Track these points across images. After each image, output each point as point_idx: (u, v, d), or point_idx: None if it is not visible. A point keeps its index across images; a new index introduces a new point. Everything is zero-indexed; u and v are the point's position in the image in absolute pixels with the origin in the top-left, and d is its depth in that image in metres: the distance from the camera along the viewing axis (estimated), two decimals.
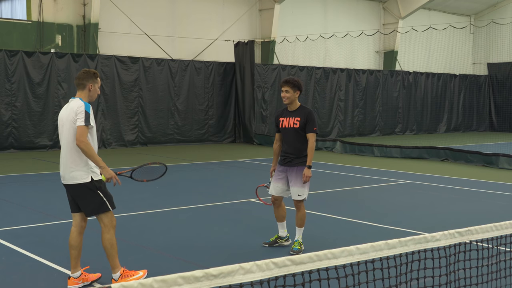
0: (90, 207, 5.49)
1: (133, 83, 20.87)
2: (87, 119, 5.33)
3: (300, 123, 6.91)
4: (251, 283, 2.79)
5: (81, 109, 5.36)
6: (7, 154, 17.95)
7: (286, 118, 7.02)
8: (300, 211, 7.01)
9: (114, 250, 5.52)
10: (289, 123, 6.97)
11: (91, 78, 5.57)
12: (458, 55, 31.92)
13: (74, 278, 5.64)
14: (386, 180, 13.46)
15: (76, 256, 5.64)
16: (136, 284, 2.42)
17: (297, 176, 6.91)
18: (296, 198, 6.94)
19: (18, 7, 20.45)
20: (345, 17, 28.37)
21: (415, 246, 3.52)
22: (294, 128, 6.93)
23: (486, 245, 4.59)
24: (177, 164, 15.99)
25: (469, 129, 32.53)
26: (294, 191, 6.94)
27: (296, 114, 6.97)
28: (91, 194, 5.45)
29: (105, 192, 5.52)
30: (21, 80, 18.56)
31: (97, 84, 5.61)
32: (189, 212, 9.43)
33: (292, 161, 6.95)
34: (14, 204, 9.87)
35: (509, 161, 15.68)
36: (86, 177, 5.43)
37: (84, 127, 5.31)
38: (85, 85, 5.56)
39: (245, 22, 25.01)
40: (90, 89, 5.56)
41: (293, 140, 6.96)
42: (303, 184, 6.89)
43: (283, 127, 7.03)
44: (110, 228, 5.52)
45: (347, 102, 26.95)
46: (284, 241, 7.26)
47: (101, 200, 5.47)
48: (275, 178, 7.08)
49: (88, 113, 5.36)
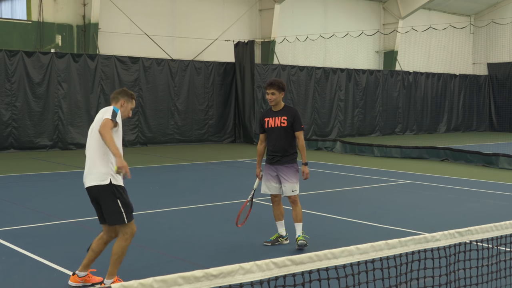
0: (109, 215, 5.38)
1: (133, 83, 20.87)
2: (114, 115, 5.34)
3: (287, 122, 7.07)
4: (251, 283, 2.79)
5: (110, 109, 5.40)
6: (7, 154, 17.96)
7: (271, 118, 7.16)
8: (297, 206, 7.16)
9: (120, 259, 5.46)
10: (276, 122, 7.11)
11: (126, 96, 5.63)
12: (458, 55, 31.92)
13: (78, 276, 5.63)
14: (386, 180, 13.46)
15: (92, 259, 5.62)
16: (136, 284, 2.42)
17: (287, 173, 7.09)
18: (290, 194, 7.10)
19: (18, 7, 20.46)
20: (345, 17, 28.37)
21: (415, 246, 3.52)
22: (282, 127, 7.08)
23: (486, 245, 4.59)
24: (177, 164, 15.99)
25: (469, 129, 32.53)
26: (288, 187, 7.09)
27: (282, 113, 7.13)
28: (110, 199, 5.34)
29: (125, 203, 5.40)
30: (21, 80, 18.56)
31: (130, 104, 5.63)
32: (189, 212, 9.44)
33: (282, 159, 7.12)
34: (14, 204, 9.87)
35: (509, 161, 15.68)
36: (105, 178, 5.33)
37: (110, 120, 5.28)
38: (119, 99, 5.60)
39: (245, 22, 25.01)
40: (123, 105, 5.59)
41: (280, 139, 7.10)
42: (295, 180, 7.08)
43: (269, 127, 7.17)
44: (129, 236, 5.45)
45: (347, 102, 26.96)
46: (284, 240, 7.35)
47: (119, 210, 5.35)
48: (267, 178, 7.23)
49: (116, 112, 5.38)
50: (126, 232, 5.44)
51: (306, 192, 10.76)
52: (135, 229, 5.53)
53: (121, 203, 5.37)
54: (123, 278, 5.64)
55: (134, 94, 5.77)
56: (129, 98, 5.65)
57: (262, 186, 7.29)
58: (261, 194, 7.35)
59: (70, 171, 14.35)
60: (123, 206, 5.38)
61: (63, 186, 11.96)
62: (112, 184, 5.34)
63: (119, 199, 5.36)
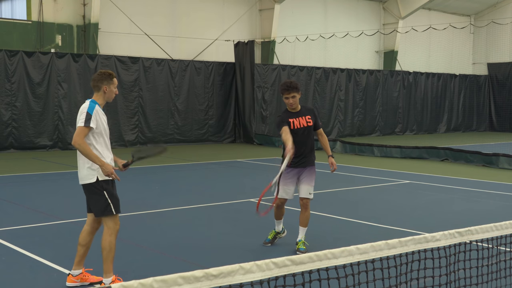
0: (96, 207, 5.50)
1: (133, 83, 20.88)
2: (87, 120, 5.33)
3: (312, 121, 7.07)
4: (251, 283, 2.79)
5: (84, 111, 5.40)
6: (7, 154, 17.96)
7: (295, 119, 7.00)
8: (307, 210, 7.05)
9: (112, 254, 5.50)
10: (301, 123, 6.99)
11: (106, 80, 5.56)
12: (458, 55, 31.93)
13: (73, 275, 5.65)
14: (386, 180, 13.46)
15: (82, 254, 5.65)
16: (136, 284, 2.42)
17: (309, 175, 7.05)
18: (307, 196, 6.99)
19: (18, 7, 20.45)
20: (345, 17, 28.37)
21: (415, 246, 3.52)
22: (309, 126, 7.04)
23: (486, 245, 4.58)
24: (177, 164, 15.99)
25: (469, 129, 32.53)
26: (305, 189, 6.99)
27: (305, 113, 7.07)
28: (97, 194, 5.46)
29: (111, 194, 5.50)
30: (21, 80, 18.56)
31: (112, 85, 5.59)
32: (189, 212, 9.44)
33: (306, 162, 7.04)
34: (14, 204, 9.87)
35: (509, 161, 15.68)
36: (91, 177, 5.44)
37: (83, 127, 5.33)
38: (100, 87, 5.56)
39: (245, 22, 25.01)
40: (105, 91, 5.56)
41: (306, 139, 7.03)
42: (313, 183, 7.07)
43: (295, 128, 6.96)
44: (113, 231, 5.51)
45: (347, 102, 26.96)
46: (282, 234, 7.41)
47: (106, 201, 5.46)
48: (286, 181, 7.01)
49: (90, 115, 5.35)
50: (110, 226, 5.51)
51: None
52: (119, 226, 5.60)
53: (107, 195, 5.47)
54: (123, 278, 5.64)
55: (113, 72, 5.68)
56: (109, 80, 5.57)
57: (280, 191, 6.99)
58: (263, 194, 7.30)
59: (70, 171, 14.34)
60: (109, 197, 5.48)
61: (63, 186, 11.96)
62: (99, 180, 5.45)
63: (105, 191, 5.46)
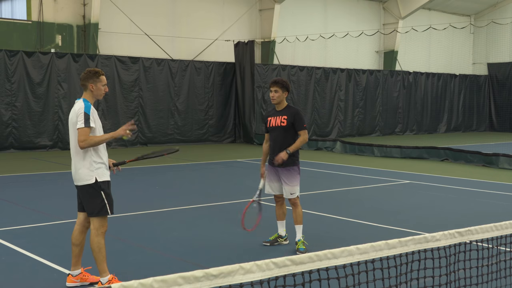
0: (92, 207, 5.50)
1: (133, 83, 20.88)
2: (86, 120, 5.34)
3: (287, 122, 7.06)
4: (251, 283, 2.79)
5: (81, 111, 5.39)
6: (7, 154, 17.96)
7: (273, 118, 7.19)
8: (297, 208, 7.16)
9: (102, 255, 5.50)
10: (276, 121, 7.13)
11: (91, 78, 5.52)
12: (458, 55, 31.93)
13: (73, 276, 5.66)
14: (386, 180, 13.45)
15: (77, 254, 5.66)
16: (136, 284, 2.42)
17: (287, 176, 7.07)
18: (289, 196, 7.10)
19: (18, 7, 20.45)
20: (345, 17, 28.37)
21: (415, 246, 3.52)
22: (282, 126, 7.08)
23: (486, 245, 4.58)
24: (177, 164, 15.98)
25: (469, 129, 32.53)
26: (287, 190, 7.10)
27: (283, 113, 7.14)
28: (94, 194, 5.47)
29: (107, 194, 5.52)
30: (21, 80, 18.57)
31: (99, 83, 5.53)
32: (189, 212, 9.44)
33: (283, 162, 7.00)
34: (14, 204, 9.87)
35: (509, 161, 15.68)
36: (90, 178, 5.45)
37: (84, 128, 5.35)
38: (87, 85, 5.55)
39: (245, 22, 25.01)
40: (92, 89, 5.53)
41: (280, 138, 7.09)
42: (295, 183, 7.09)
43: (270, 126, 7.18)
44: (99, 232, 5.51)
45: (347, 102, 26.95)
46: (284, 240, 7.35)
47: (102, 202, 5.48)
48: (270, 179, 7.22)
49: (88, 115, 5.36)
50: (96, 228, 5.50)
51: (306, 192, 10.76)
52: (106, 227, 5.59)
53: (104, 195, 5.49)
54: (123, 278, 5.63)
55: (100, 70, 5.62)
56: (96, 78, 5.53)
57: (265, 187, 7.27)
58: (264, 194, 7.33)
59: (70, 171, 14.34)
60: (106, 197, 5.50)
61: (63, 186, 11.95)
62: (98, 181, 5.47)
63: (103, 191, 5.48)
